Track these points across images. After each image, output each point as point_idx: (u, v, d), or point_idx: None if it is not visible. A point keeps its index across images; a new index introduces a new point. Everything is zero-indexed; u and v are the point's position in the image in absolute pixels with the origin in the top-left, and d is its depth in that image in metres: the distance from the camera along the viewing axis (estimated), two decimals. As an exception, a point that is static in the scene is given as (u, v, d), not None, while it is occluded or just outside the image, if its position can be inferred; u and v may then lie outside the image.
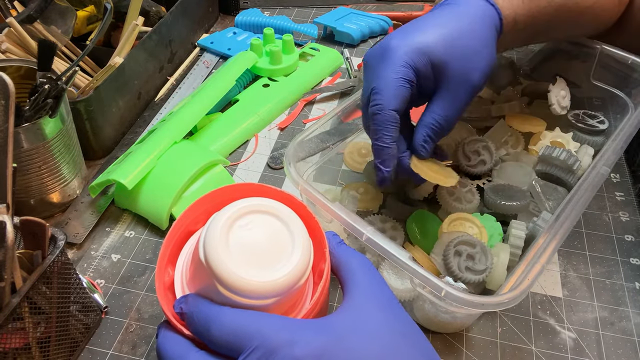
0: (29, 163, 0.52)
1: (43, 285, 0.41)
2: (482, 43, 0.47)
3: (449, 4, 0.49)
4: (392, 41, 0.46)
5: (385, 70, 0.45)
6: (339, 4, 0.92)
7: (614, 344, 0.48)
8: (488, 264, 0.46)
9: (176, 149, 0.59)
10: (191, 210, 0.39)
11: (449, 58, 0.45)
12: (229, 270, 0.32)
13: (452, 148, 0.57)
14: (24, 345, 0.40)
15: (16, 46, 0.61)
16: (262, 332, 0.31)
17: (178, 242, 0.39)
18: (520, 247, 0.49)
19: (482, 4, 0.48)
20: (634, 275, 0.53)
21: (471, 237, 0.47)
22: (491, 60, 0.47)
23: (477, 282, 0.45)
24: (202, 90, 0.68)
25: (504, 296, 0.38)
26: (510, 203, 0.52)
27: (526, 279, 0.39)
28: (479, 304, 0.38)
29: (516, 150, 0.59)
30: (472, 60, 0.46)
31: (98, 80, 0.62)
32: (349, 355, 0.31)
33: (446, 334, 0.48)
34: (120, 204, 0.59)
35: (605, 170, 0.48)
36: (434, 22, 0.47)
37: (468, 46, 0.46)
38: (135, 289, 0.52)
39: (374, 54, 0.47)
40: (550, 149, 0.54)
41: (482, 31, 0.47)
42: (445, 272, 0.47)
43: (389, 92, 0.44)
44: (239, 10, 0.91)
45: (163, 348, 0.34)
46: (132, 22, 0.66)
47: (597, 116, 0.60)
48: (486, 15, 0.48)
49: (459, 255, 0.46)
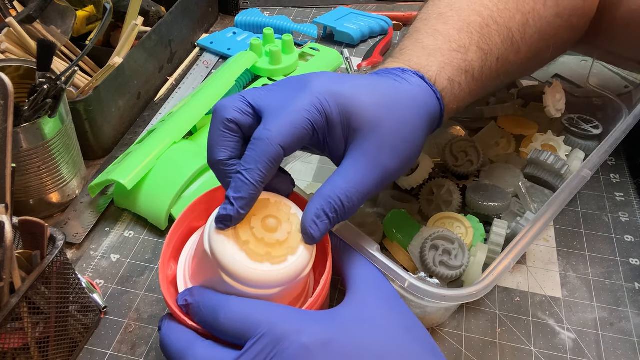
0: (28, 163, 0.52)
1: (42, 285, 0.41)
2: (416, 128, 0.38)
3: (384, 76, 0.40)
4: (314, 81, 0.37)
5: (294, 100, 0.36)
6: (339, 4, 0.92)
7: (614, 344, 0.48)
8: (464, 261, 0.46)
9: (176, 149, 0.59)
10: (193, 207, 0.40)
11: (374, 125, 0.36)
12: (234, 259, 0.33)
13: (440, 147, 0.57)
14: (23, 345, 0.40)
15: (15, 46, 0.61)
16: (270, 320, 0.31)
17: (181, 238, 0.40)
18: (500, 245, 0.49)
19: (423, 88, 0.40)
20: (633, 275, 0.53)
21: (450, 233, 0.47)
22: (416, 154, 0.39)
23: (451, 277, 0.46)
24: (202, 90, 0.68)
25: (466, 290, 0.38)
26: (490, 203, 0.52)
27: (491, 275, 0.40)
28: (441, 296, 0.38)
29: (507, 152, 0.59)
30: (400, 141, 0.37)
31: (97, 80, 0.62)
32: (355, 345, 0.32)
33: (445, 335, 0.48)
34: (119, 204, 0.59)
35: (587, 173, 0.48)
36: (369, 81, 0.39)
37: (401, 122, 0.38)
38: (135, 289, 0.52)
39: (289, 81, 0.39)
40: (539, 152, 0.55)
41: (420, 115, 0.39)
42: (419, 265, 0.47)
43: (286, 125, 0.35)
44: (239, 10, 0.91)
45: (168, 339, 0.34)
46: (132, 22, 0.66)
47: (592, 121, 0.60)
48: (427, 101, 0.40)
49: (436, 249, 0.46)
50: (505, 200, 0.52)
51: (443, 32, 0.44)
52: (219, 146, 0.36)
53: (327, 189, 0.36)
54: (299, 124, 0.35)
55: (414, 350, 0.33)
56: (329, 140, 0.37)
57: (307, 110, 0.35)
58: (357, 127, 0.36)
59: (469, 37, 0.44)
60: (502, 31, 0.45)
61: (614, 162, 0.65)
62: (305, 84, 0.37)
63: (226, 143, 0.36)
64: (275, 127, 0.34)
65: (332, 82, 0.37)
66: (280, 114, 0.35)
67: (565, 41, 0.53)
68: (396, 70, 0.40)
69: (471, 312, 0.50)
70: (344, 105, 0.36)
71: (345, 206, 0.35)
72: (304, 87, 0.37)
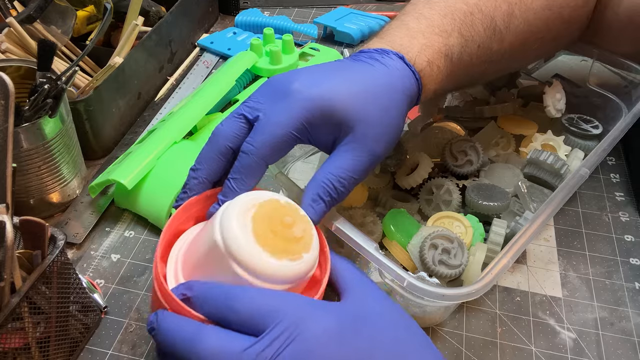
0: (29, 163, 0.52)
1: (43, 285, 0.41)
2: (396, 112, 0.41)
3: (363, 62, 0.43)
4: (294, 84, 0.40)
5: (276, 115, 0.39)
6: (339, 4, 0.92)
7: (614, 344, 0.48)
8: (463, 260, 0.46)
9: (176, 149, 0.59)
10: (183, 210, 0.40)
11: (358, 119, 0.39)
12: (253, 254, 0.33)
13: (440, 147, 0.58)
14: (24, 345, 0.40)
15: (16, 46, 0.61)
16: (289, 307, 0.32)
17: (168, 240, 0.40)
18: (499, 245, 0.49)
19: (402, 69, 0.42)
20: (633, 275, 0.53)
21: (450, 232, 0.48)
22: (398, 134, 0.42)
23: (450, 276, 0.46)
24: (202, 90, 0.68)
25: (465, 289, 0.39)
26: (489, 203, 0.52)
27: (490, 274, 0.40)
28: (440, 294, 0.38)
29: (506, 152, 0.59)
30: (383, 128, 0.40)
31: (98, 80, 0.62)
32: (369, 335, 0.33)
33: (446, 334, 0.48)
34: (120, 203, 0.59)
35: (585, 172, 0.49)
36: (347, 75, 0.41)
37: (382, 110, 0.41)
38: (135, 289, 0.52)
39: (273, 87, 0.41)
40: (538, 152, 0.55)
41: (398, 99, 0.42)
42: (419, 264, 0.47)
43: (268, 140, 0.39)
44: (239, 10, 0.91)
45: (169, 330, 0.33)
46: (132, 22, 0.66)
47: (592, 121, 0.60)
48: (405, 84, 0.42)
49: (435, 248, 0.47)
50: (504, 199, 0.52)
51: (428, 16, 0.46)
52: (208, 166, 0.41)
53: (320, 175, 0.39)
54: (280, 138, 0.39)
55: (415, 342, 0.35)
56: (313, 138, 0.41)
57: (287, 123, 0.39)
58: (341, 121, 0.40)
59: (452, 22, 0.46)
60: (485, 20, 0.47)
61: (614, 161, 0.66)
62: (287, 92, 0.40)
63: (215, 166, 0.41)
64: (258, 143, 0.39)
65: (311, 84, 0.40)
66: (264, 129, 0.39)
67: (558, 34, 0.54)
68: (377, 52, 0.43)
69: (471, 311, 0.50)
70: (325, 107, 0.39)
71: (338, 190, 0.39)
72: (286, 97, 0.40)
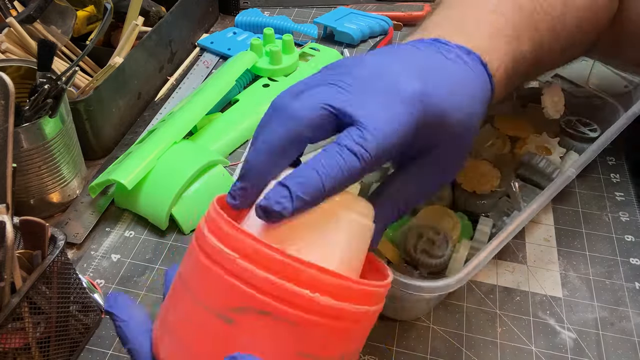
0: (29, 163, 0.52)
1: (43, 285, 0.41)
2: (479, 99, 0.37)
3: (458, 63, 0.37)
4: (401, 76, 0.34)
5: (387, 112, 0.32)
6: (339, 4, 0.92)
7: (614, 344, 0.48)
8: (446, 251, 0.47)
9: (176, 149, 0.59)
10: None
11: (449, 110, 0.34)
12: None
13: None
14: (24, 345, 0.40)
15: (16, 46, 0.61)
16: None
17: None
18: (484, 242, 0.50)
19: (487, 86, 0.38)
20: (633, 275, 0.53)
21: (437, 224, 0.48)
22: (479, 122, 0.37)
23: (431, 265, 0.47)
24: (202, 90, 0.68)
25: (442, 281, 0.40)
26: (476, 201, 0.52)
27: (466, 268, 0.41)
28: (418, 287, 0.39)
29: (501, 153, 0.59)
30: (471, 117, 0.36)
31: (98, 80, 0.62)
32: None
33: (446, 334, 0.48)
34: (120, 203, 0.59)
35: (572, 172, 0.49)
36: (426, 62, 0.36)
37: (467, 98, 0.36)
38: (135, 289, 0.52)
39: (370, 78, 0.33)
40: (531, 155, 0.55)
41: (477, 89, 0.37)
42: (401, 251, 0.48)
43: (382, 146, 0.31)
44: (239, 10, 0.91)
45: None
46: (132, 22, 0.66)
47: (590, 124, 0.61)
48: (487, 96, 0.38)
49: (420, 237, 0.48)
50: (492, 198, 0.53)
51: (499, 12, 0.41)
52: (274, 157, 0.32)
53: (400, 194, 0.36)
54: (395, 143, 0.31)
55: None
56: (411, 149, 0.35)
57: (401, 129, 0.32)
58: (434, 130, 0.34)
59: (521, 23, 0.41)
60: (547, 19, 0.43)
61: (614, 161, 0.65)
62: (393, 87, 0.33)
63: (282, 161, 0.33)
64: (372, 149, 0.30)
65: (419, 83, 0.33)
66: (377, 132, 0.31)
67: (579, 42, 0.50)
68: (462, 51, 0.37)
69: (472, 311, 0.50)
70: (430, 113, 0.33)
71: (409, 209, 0.37)
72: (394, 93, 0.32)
